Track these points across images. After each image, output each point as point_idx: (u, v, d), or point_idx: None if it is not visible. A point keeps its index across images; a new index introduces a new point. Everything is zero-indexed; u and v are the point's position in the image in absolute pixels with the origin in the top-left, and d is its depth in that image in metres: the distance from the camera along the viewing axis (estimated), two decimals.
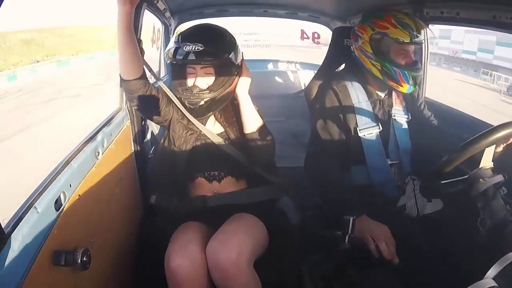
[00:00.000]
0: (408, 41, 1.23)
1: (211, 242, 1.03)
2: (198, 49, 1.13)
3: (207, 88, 1.20)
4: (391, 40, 1.24)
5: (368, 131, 1.31)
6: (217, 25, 1.27)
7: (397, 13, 1.27)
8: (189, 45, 1.14)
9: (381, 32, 1.25)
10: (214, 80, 1.21)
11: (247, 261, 0.99)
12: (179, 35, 1.21)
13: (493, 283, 0.65)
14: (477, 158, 0.95)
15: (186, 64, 1.20)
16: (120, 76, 1.18)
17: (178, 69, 1.24)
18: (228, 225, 1.10)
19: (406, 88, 1.28)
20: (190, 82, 1.21)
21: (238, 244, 1.00)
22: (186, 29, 1.26)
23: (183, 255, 1.00)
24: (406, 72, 1.26)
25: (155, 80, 1.37)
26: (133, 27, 1.09)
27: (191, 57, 1.14)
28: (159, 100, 1.24)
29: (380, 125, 1.32)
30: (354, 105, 1.33)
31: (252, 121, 1.23)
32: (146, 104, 1.23)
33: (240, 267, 0.98)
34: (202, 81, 1.21)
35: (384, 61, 1.26)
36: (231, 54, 1.19)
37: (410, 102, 1.43)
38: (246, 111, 1.23)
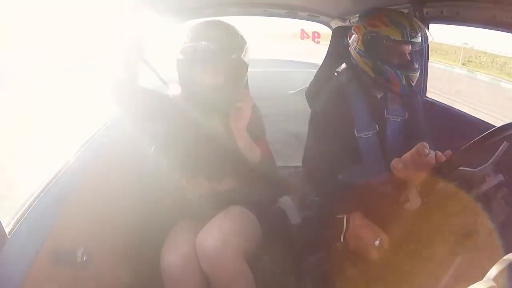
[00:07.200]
0: (400, 39, 1.22)
1: (199, 234, 1.04)
2: (209, 47, 1.11)
3: (219, 85, 1.18)
4: (382, 38, 1.24)
5: (366, 131, 1.31)
6: (227, 23, 1.23)
7: (391, 12, 1.26)
8: (201, 43, 1.11)
9: (373, 31, 1.25)
10: (224, 78, 1.19)
11: (233, 250, 1.00)
12: (189, 31, 1.17)
13: (493, 284, 0.65)
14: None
15: (197, 61, 1.15)
16: (113, 81, 1.14)
17: (187, 66, 1.19)
18: (217, 217, 1.11)
19: (399, 88, 1.27)
20: (200, 79, 1.17)
21: (223, 233, 1.01)
22: (197, 25, 1.22)
23: (175, 252, 1.02)
24: (398, 72, 1.25)
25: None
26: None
27: (204, 55, 1.11)
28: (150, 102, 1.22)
29: (377, 125, 1.32)
30: (352, 106, 1.33)
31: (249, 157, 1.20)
32: (139, 107, 1.20)
33: (226, 255, 0.98)
34: (213, 79, 1.17)
35: (376, 59, 1.25)
36: (242, 54, 1.17)
37: (409, 103, 1.42)
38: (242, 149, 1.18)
